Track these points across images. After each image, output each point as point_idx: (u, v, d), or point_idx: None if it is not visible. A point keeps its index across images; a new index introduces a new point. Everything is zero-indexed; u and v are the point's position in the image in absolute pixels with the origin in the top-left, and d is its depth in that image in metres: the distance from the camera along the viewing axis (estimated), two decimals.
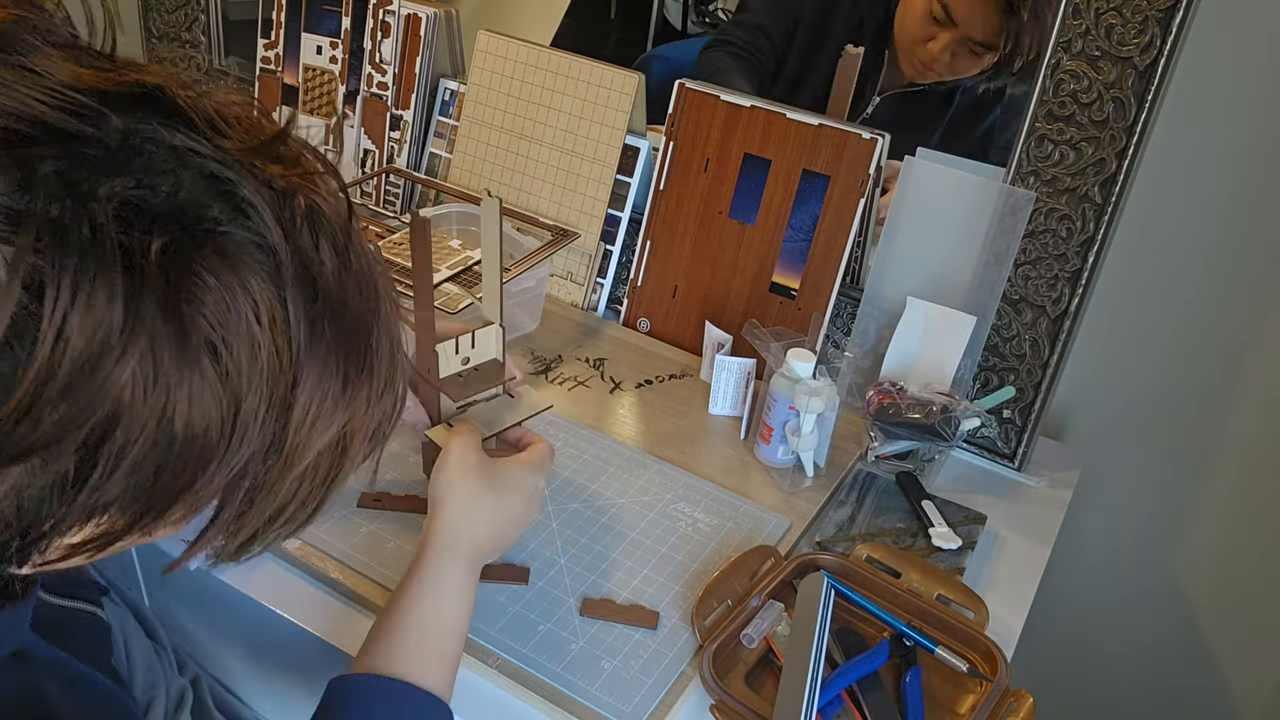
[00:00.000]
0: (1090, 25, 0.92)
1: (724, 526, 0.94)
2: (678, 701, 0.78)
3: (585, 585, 0.86)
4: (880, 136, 1.07)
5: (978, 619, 0.85)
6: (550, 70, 1.22)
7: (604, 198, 1.22)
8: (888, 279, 1.07)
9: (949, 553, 0.94)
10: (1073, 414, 1.26)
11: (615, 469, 0.99)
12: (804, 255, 1.12)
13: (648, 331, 1.23)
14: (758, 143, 1.13)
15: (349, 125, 1.36)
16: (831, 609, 0.81)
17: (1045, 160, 0.98)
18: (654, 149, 1.19)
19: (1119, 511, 1.30)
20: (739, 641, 0.82)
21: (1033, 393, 1.06)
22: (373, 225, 1.15)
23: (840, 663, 0.80)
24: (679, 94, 1.17)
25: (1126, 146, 0.94)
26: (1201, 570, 1.29)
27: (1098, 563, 1.35)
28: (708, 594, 0.84)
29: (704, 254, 1.18)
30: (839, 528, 0.96)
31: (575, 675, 0.78)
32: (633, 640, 0.81)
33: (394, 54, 1.30)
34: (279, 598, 0.83)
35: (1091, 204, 0.98)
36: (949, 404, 0.98)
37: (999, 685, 0.79)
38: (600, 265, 1.24)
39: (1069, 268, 1.00)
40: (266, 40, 1.38)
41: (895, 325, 1.05)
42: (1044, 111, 0.97)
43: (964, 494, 1.03)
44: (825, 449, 1.01)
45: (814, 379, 0.99)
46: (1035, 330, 1.04)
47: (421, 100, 1.31)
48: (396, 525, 0.89)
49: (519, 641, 0.80)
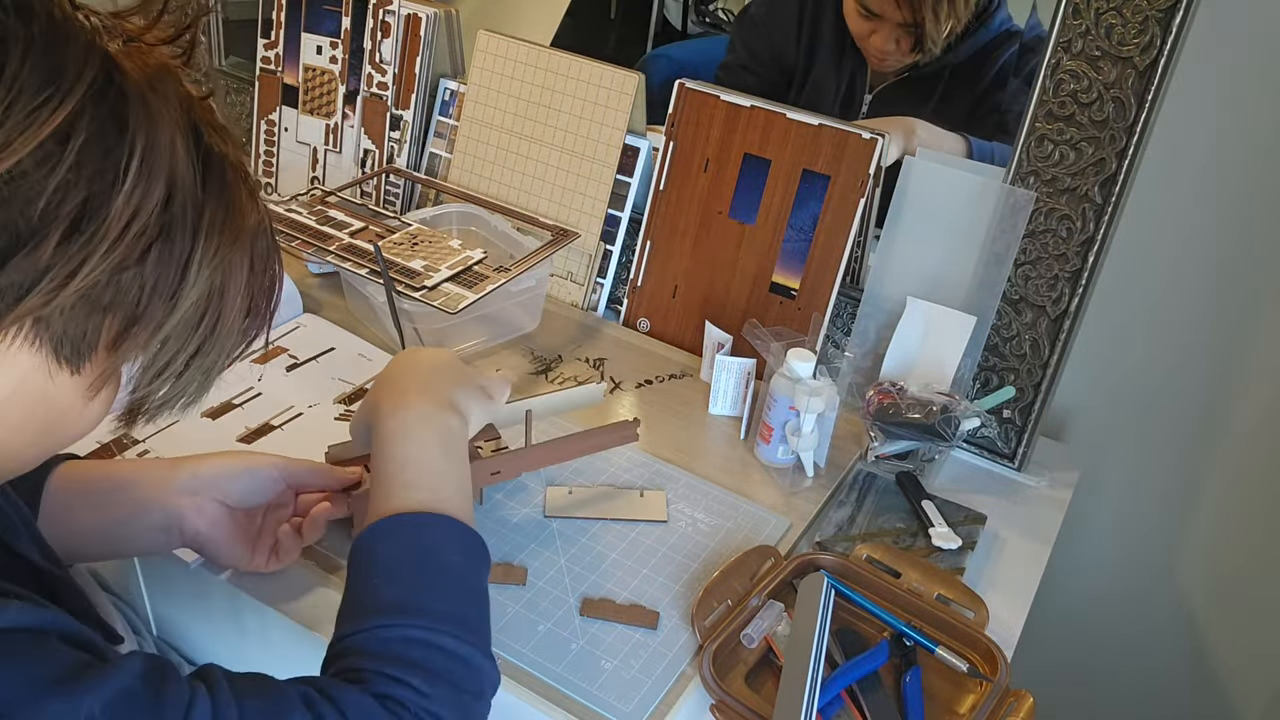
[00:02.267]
0: (1090, 25, 0.92)
1: (724, 526, 0.94)
2: (678, 701, 0.78)
3: (585, 585, 0.86)
4: (880, 136, 1.07)
5: (978, 619, 0.85)
6: (550, 70, 1.22)
7: (604, 198, 1.22)
8: (888, 279, 1.07)
9: (949, 553, 0.94)
10: (1073, 414, 1.26)
11: (615, 469, 0.99)
12: (804, 255, 1.12)
13: (648, 331, 1.23)
14: (758, 143, 1.13)
15: (349, 125, 1.36)
16: (831, 609, 0.81)
17: (1045, 160, 0.98)
18: (654, 149, 1.19)
19: (1119, 511, 1.30)
20: (739, 641, 0.82)
21: (1033, 393, 1.06)
22: (373, 225, 1.15)
23: (840, 663, 0.80)
24: (679, 94, 1.17)
25: (1126, 146, 0.94)
26: (1201, 570, 1.29)
27: (1098, 563, 1.35)
28: (708, 594, 0.84)
29: (704, 254, 1.18)
30: (839, 528, 0.96)
31: (575, 675, 0.78)
32: (633, 640, 0.81)
33: (394, 54, 1.30)
34: (279, 598, 0.83)
35: (1091, 204, 0.98)
36: (949, 404, 0.98)
37: (999, 685, 0.79)
38: (600, 265, 1.24)
39: (1069, 268, 1.00)
40: (266, 40, 1.38)
41: (895, 325, 1.05)
42: (1044, 111, 0.97)
43: (964, 494, 1.03)
44: (825, 449, 1.01)
45: (814, 379, 0.99)
46: (1035, 330, 1.04)
47: (421, 100, 1.31)
48: None
49: (519, 641, 0.80)
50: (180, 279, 0.50)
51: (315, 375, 1.09)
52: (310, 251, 1.09)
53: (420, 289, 1.03)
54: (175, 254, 0.50)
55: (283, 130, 1.41)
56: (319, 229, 1.13)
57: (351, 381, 1.09)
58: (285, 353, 1.12)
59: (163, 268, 0.49)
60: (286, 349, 1.13)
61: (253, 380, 1.07)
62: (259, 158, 1.43)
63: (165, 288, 0.50)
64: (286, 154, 1.41)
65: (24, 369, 0.48)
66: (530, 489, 0.96)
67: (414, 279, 1.05)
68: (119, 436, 0.97)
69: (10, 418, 0.50)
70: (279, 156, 1.42)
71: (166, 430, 0.98)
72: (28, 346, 0.48)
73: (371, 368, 1.11)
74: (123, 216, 0.47)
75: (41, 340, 0.48)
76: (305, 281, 1.23)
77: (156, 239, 0.49)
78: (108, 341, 0.50)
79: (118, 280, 0.48)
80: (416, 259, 1.09)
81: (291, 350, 1.13)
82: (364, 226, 1.14)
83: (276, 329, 1.15)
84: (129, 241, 0.47)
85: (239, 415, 1.02)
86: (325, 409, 1.04)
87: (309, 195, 1.19)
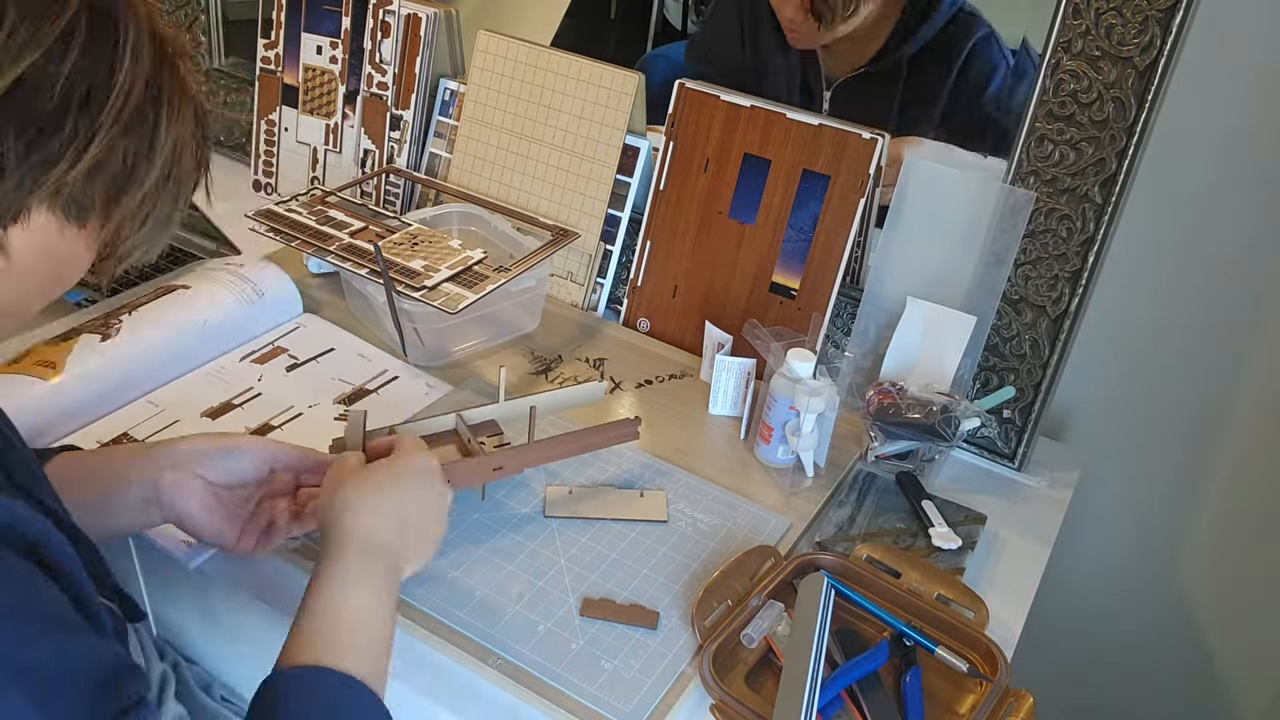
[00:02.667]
0: (1090, 25, 0.92)
1: (724, 526, 0.94)
2: (678, 701, 0.78)
3: (585, 585, 0.86)
4: (880, 136, 1.07)
5: (978, 619, 0.85)
6: (550, 70, 1.22)
7: (604, 198, 1.22)
8: (888, 279, 1.07)
9: (949, 553, 0.94)
10: (1073, 414, 1.26)
11: (615, 469, 0.99)
12: (804, 255, 1.12)
13: (648, 331, 1.23)
14: (758, 143, 1.13)
15: (349, 125, 1.36)
16: (831, 609, 0.81)
17: (1045, 160, 0.98)
18: (654, 149, 1.19)
19: (1119, 511, 1.30)
20: (739, 641, 0.82)
21: (1033, 393, 1.06)
22: (373, 225, 1.15)
23: (840, 663, 0.80)
24: (679, 94, 1.17)
25: (1126, 146, 0.94)
26: (1201, 570, 1.29)
27: (1098, 563, 1.35)
28: (708, 594, 0.84)
29: (704, 254, 1.18)
30: (839, 528, 0.96)
31: (575, 675, 0.78)
32: (633, 640, 0.81)
33: (394, 54, 1.30)
34: (279, 598, 0.83)
35: (1091, 204, 0.98)
36: (949, 404, 0.98)
37: (999, 685, 0.79)
38: (600, 265, 1.24)
39: (1069, 268, 1.00)
40: (266, 40, 1.38)
41: (895, 325, 1.05)
42: (1044, 111, 0.97)
43: (964, 494, 1.03)
44: (825, 449, 1.01)
45: (814, 379, 0.99)
46: (1035, 330, 1.04)
47: (421, 100, 1.31)
48: None
49: (519, 641, 0.80)
50: (153, 140, 0.61)
51: (315, 375, 1.09)
52: (310, 251, 1.10)
53: (420, 289, 1.03)
54: (152, 120, 0.60)
55: (283, 130, 1.41)
56: (319, 229, 1.13)
57: (351, 382, 1.09)
58: (285, 353, 1.12)
59: (145, 131, 0.60)
60: (286, 349, 1.13)
61: (252, 380, 1.07)
62: (259, 158, 1.43)
63: (145, 148, 0.60)
64: (286, 154, 1.41)
65: (44, 228, 0.58)
66: (531, 488, 0.96)
67: (414, 279, 1.05)
68: (118, 437, 0.97)
69: (32, 269, 0.60)
70: (279, 156, 1.42)
71: (167, 431, 0.99)
72: (47, 210, 0.58)
73: (371, 368, 1.11)
74: (121, 93, 0.57)
75: (57, 203, 0.58)
76: (305, 281, 1.23)
77: (142, 109, 0.59)
78: (105, 199, 0.60)
79: (116, 146, 0.58)
80: (416, 259, 1.09)
81: (291, 350, 1.13)
82: (364, 226, 1.14)
83: (276, 329, 1.15)
84: (127, 113, 0.58)
85: (239, 415, 1.02)
86: (325, 409, 1.04)
87: (309, 195, 1.19)
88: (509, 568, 0.87)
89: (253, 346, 1.12)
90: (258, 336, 1.14)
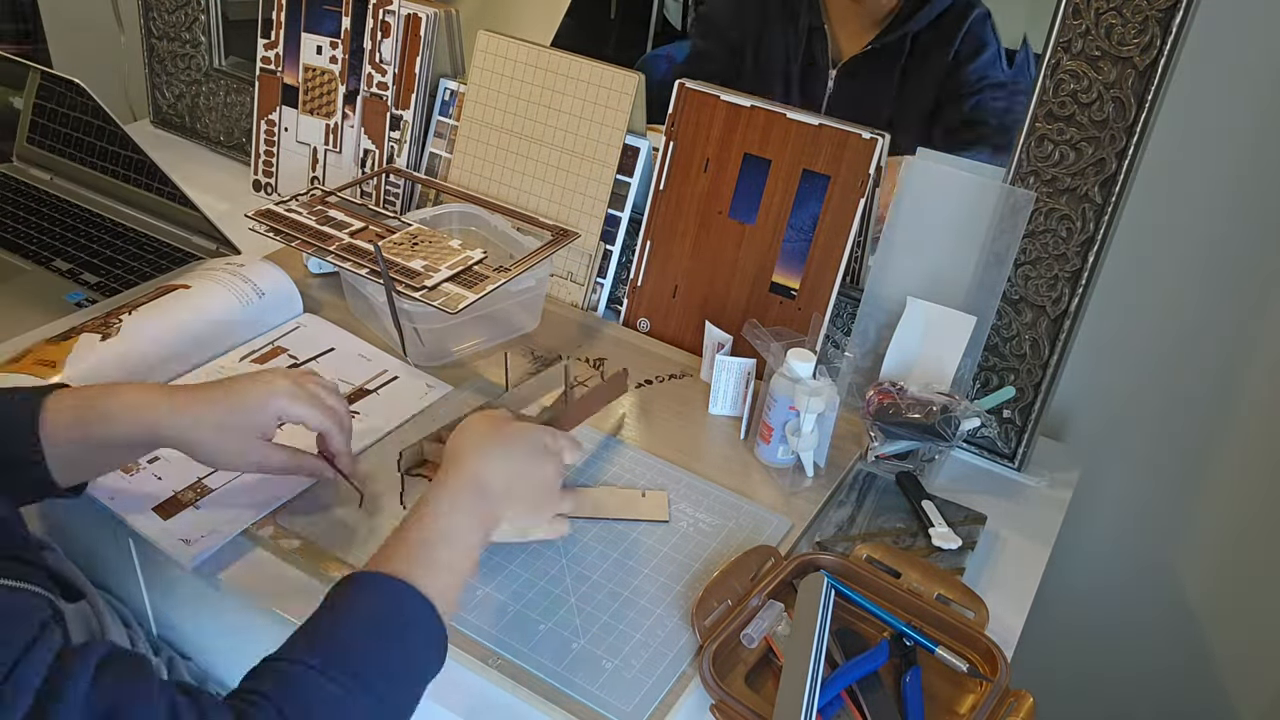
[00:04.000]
0: (1090, 25, 0.92)
1: (724, 526, 0.94)
2: (678, 701, 0.78)
3: (586, 585, 0.86)
4: (880, 136, 1.07)
5: (978, 619, 0.85)
6: (550, 70, 1.22)
7: (604, 198, 1.22)
8: (888, 279, 1.07)
9: (949, 553, 0.94)
10: (1073, 414, 1.26)
11: (616, 469, 0.99)
12: (804, 255, 1.12)
13: (648, 331, 1.23)
14: (758, 143, 1.13)
15: (349, 125, 1.36)
16: (831, 609, 0.81)
17: (1045, 160, 0.98)
18: (654, 149, 1.19)
19: (1119, 511, 1.30)
20: (739, 641, 0.82)
21: (1033, 393, 1.06)
22: (373, 225, 1.15)
23: (840, 663, 0.80)
24: (679, 94, 1.17)
25: (1126, 146, 0.94)
26: (1201, 570, 1.29)
27: (1098, 563, 1.35)
28: (708, 594, 0.84)
29: (704, 254, 1.18)
30: (839, 528, 0.96)
31: (575, 675, 0.78)
32: (633, 640, 0.81)
33: (394, 54, 1.30)
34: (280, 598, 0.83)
35: (1091, 204, 0.98)
36: (949, 404, 0.98)
37: (999, 685, 0.79)
38: (600, 265, 1.24)
39: (1069, 268, 1.01)
40: (266, 40, 1.38)
41: (895, 325, 1.05)
42: (1044, 111, 0.97)
43: (964, 494, 1.03)
44: (825, 449, 1.01)
45: (814, 379, 0.99)
46: (1035, 330, 1.04)
47: (421, 100, 1.31)
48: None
49: (519, 641, 0.80)
50: None
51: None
52: (310, 251, 1.10)
53: (420, 289, 1.03)
54: None
55: (283, 130, 1.41)
56: (319, 229, 1.13)
57: (351, 381, 1.09)
58: (285, 353, 1.12)
59: None
60: (286, 349, 1.13)
61: None
62: (259, 158, 1.43)
63: None
64: (286, 154, 1.41)
65: None
66: None
67: (414, 279, 1.05)
68: None
69: None
70: (279, 156, 1.42)
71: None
72: None
73: (371, 368, 1.11)
74: None
75: None
76: (305, 281, 1.23)
77: None
78: None
79: None
80: (416, 259, 1.09)
81: (291, 350, 1.13)
82: (364, 226, 1.14)
83: (276, 329, 1.15)
84: None
85: None
86: None
87: (309, 195, 1.19)
88: (510, 567, 0.87)
89: (253, 346, 1.12)
90: (258, 336, 1.14)
